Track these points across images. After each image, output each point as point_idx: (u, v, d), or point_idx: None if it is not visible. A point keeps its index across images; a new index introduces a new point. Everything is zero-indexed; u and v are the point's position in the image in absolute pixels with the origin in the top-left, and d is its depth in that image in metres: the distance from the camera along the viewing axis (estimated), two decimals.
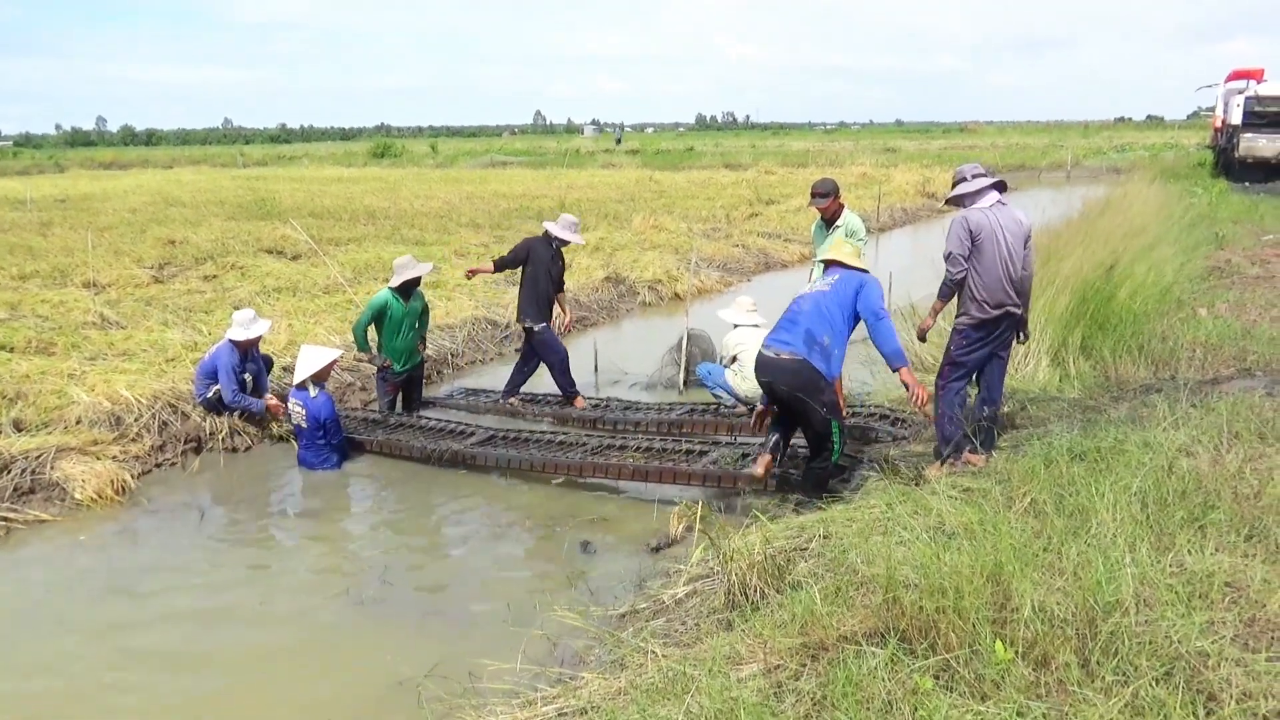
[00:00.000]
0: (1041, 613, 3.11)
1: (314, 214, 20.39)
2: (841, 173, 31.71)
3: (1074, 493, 4.16)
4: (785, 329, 5.42)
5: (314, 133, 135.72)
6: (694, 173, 36.10)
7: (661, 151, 52.31)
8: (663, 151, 52.27)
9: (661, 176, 32.61)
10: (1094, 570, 3.29)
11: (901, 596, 3.29)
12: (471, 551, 5.68)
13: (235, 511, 6.44)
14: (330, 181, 32.14)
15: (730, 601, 4.04)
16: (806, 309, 5.41)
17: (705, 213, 20.87)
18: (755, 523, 4.79)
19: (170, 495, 6.65)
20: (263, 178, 34.95)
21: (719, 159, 44.13)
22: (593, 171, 37.63)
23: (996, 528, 3.73)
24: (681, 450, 6.44)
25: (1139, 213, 12.91)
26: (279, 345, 9.11)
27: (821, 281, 5.54)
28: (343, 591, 5.12)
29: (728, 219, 20.14)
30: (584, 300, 12.47)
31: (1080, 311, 7.52)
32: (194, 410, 7.54)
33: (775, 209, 22.26)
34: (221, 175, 37.80)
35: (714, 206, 21.92)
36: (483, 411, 8.27)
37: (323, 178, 34.87)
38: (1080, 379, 7.11)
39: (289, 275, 12.86)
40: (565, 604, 4.62)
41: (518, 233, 17.77)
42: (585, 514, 6.08)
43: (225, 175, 37.74)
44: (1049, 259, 8.93)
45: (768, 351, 5.40)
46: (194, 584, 5.34)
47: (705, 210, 21.32)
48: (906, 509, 4.33)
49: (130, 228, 18.12)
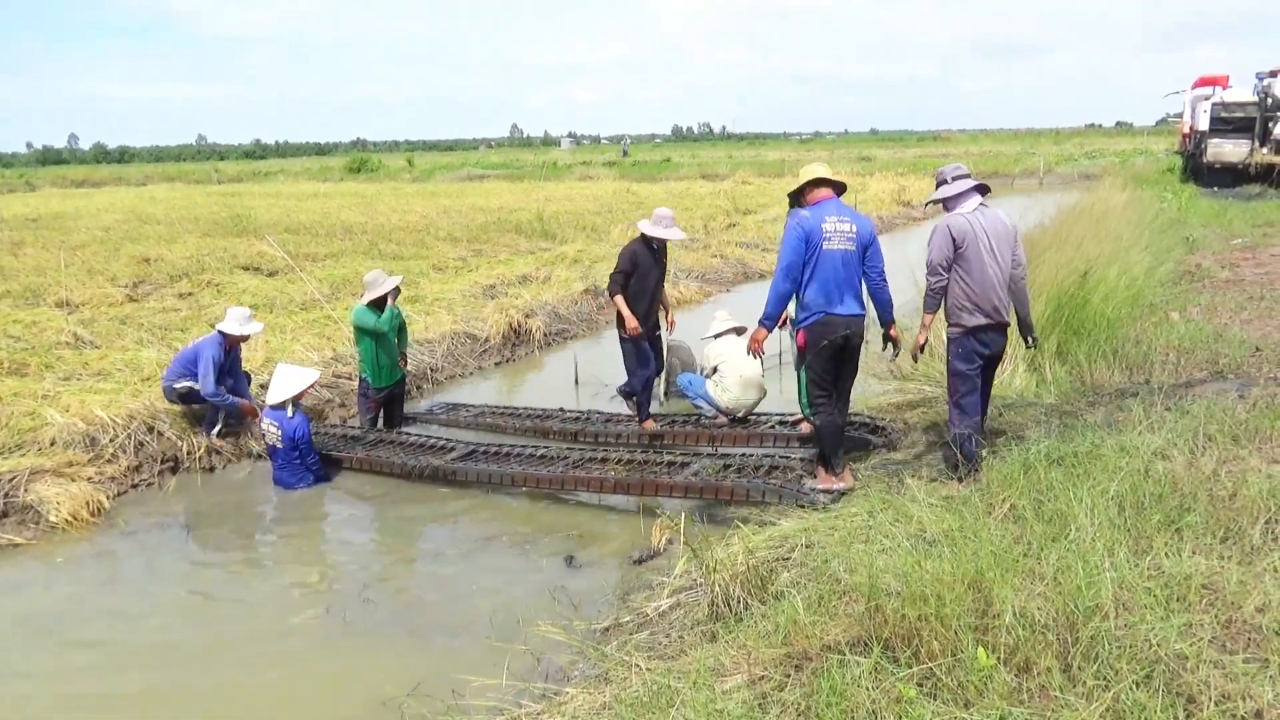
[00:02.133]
0: (1023, 618, 3.13)
1: (290, 230, 20.28)
2: None
3: (1052, 498, 4.19)
4: (850, 295, 5.44)
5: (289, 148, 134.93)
6: (671, 183, 36.21)
7: (639, 163, 52.42)
8: (640, 163, 52.38)
9: (639, 188, 32.70)
10: (1074, 575, 3.32)
11: (884, 605, 3.30)
12: (453, 567, 5.65)
13: (213, 532, 6.37)
14: (306, 197, 31.99)
15: (714, 613, 4.04)
16: (847, 273, 5.43)
17: (683, 223, 20.86)
18: (737, 533, 4.80)
19: (147, 516, 6.58)
20: (238, 194, 34.74)
21: (696, 169, 44.23)
22: (570, 184, 37.67)
23: (977, 534, 3.75)
24: (663, 462, 6.45)
25: (1111, 219, 13.06)
26: (256, 363, 9.05)
27: (838, 234, 5.38)
28: (323, 610, 5.08)
29: (705, 229, 20.22)
30: (563, 313, 12.47)
31: (1056, 317, 7.58)
32: (170, 429, 7.47)
33: (752, 219, 22.35)
34: (196, 192, 37.54)
35: (692, 217, 21.99)
36: (463, 426, 8.25)
37: (298, 193, 34.69)
38: (1056, 384, 7.17)
39: (266, 292, 12.80)
40: (549, 618, 4.60)
41: (496, 246, 17.81)
42: (568, 528, 6.06)
43: (200, 192, 37.49)
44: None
45: (844, 312, 5.42)
46: (173, 606, 5.28)
47: (683, 221, 21.34)
48: (888, 517, 4.35)
49: (104, 246, 17.95)
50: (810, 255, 5.36)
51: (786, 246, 5.39)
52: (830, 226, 5.38)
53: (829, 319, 5.40)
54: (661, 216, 7.24)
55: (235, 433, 7.68)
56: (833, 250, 5.37)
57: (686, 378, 7.88)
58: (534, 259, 15.99)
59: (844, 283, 5.40)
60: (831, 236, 5.37)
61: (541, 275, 14.44)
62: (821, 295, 5.38)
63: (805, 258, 5.37)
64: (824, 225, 5.36)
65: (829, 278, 5.37)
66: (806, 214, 5.40)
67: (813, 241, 5.35)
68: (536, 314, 11.90)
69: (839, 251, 5.39)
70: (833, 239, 5.37)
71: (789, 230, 5.39)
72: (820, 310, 5.40)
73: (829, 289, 5.38)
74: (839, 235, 5.39)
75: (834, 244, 5.37)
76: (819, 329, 5.44)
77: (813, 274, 5.37)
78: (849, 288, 5.44)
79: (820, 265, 5.36)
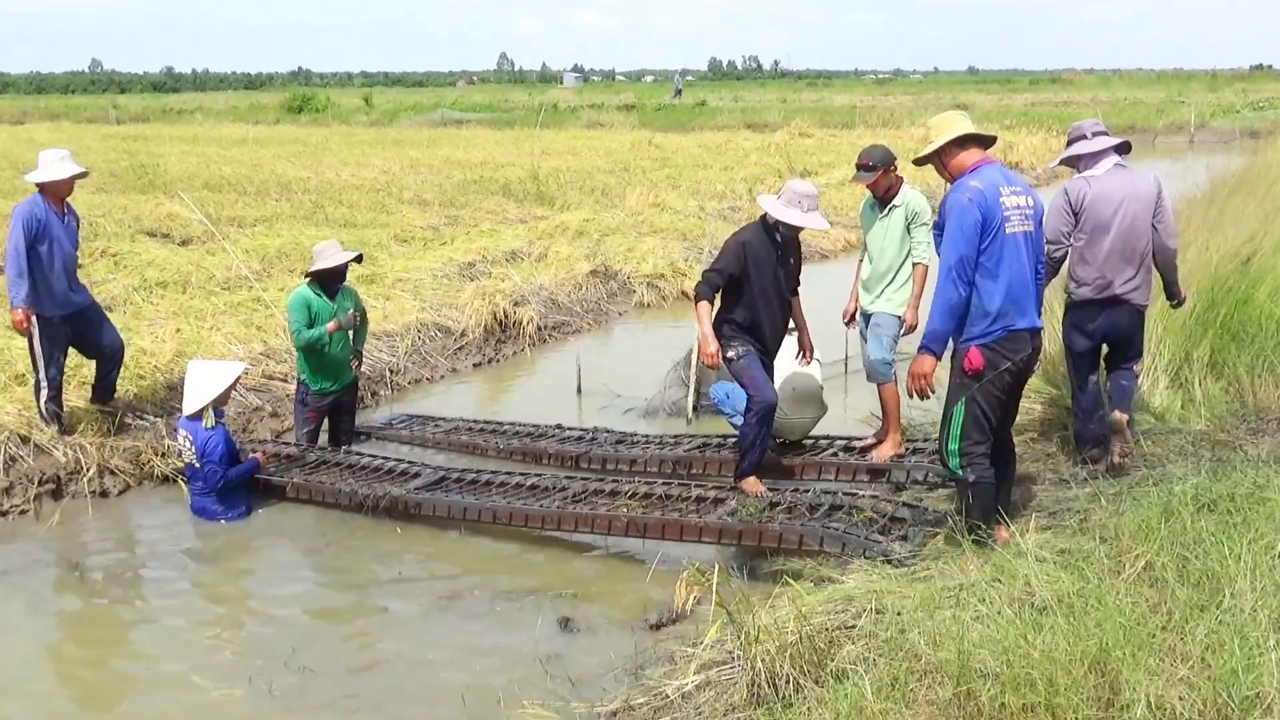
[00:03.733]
0: (1160, 711, 3.12)
1: (210, 186, 20.42)
2: (898, 136, 31.81)
3: (1201, 554, 4.18)
4: (1035, 301, 5.27)
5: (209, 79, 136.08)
6: (706, 134, 36.23)
7: (664, 107, 52.48)
8: (666, 107, 52.45)
9: (664, 140, 32.76)
10: (1227, 655, 3.31)
11: (978, 690, 3.30)
12: (414, 629, 5.67)
13: (106, 575, 6.42)
14: (231, 143, 32.21)
15: (755, 696, 4.04)
16: (1033, 266, 5.26)
17: (721, 187, 20.96)
18: (786, 591, 4.80)
19: (19, 552, 6.64)
20: (142, 137, 35.01)
21: (739, 117, 44.28)
22: (574, 133, 37.76)
23: (1101, 600, 3.75)
24: (690, 497, 6.46)
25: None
26: (164, 359, 9.12)
27: (1017, 212, 5.16)
28: (246, 681, 5.11)
29: (750, 195, 20.22)
30: (563, 301, 12.52)
31: (1208, 318, 7.55)
32: (52, 440, 7.54)
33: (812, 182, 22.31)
34: (88, 133, 37.83)
35: (733, 179, 22.02)
36: (431, 445, 8.29)
37: (221, 138, 34.93)
38: (1208, 405, 7.13)
39: (177, 265, 12.87)
40: (538, 698, 4.62)
41: (477, 212, 17.87)
42: (564, 581, 6.08)
43: (93, 133, 37.78)
44: None
45: (1029, 325, 5.22)
46: (50, 674, 5.32)
47: (722, 184, 21.42)
48: (984, 575, 4.35)
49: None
50: (990, 243, 5.06)
51: (957, 234, 5.05)
52: (1009, 202, 5.11)
53: (1014, 336, 5.15)
54: (798, 194, 6.50)
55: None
56: (1015, 234, 5.12)
57: (723, 388, 7.86)
58: (526, 230, 16.04)
59: (1030, 282, 5.20)
60: (1011, 216, 5.11)
61: (536, 251, 14.49)
62: (1008, 300, 5.10)
63: (982, 246, 5.06)
64: (1002, 200, 5.09)
65: (1015, 276, 5.11)
66: (978, 184, 5.09)
67: (990, 224, 5.04)
68: (528, 301, 11.94)
69: (1021, 235, 5.14)
70: (1013, 219, 5.12)
71: (957, 209, 5.06)
72: (1007, 324, 5.12)
73: (1016, 292, 5.13)
74: (1018, 214, 5.15)
75: (1015, 226, 5.13)
76: (1003, 349, 5.14)
77: (993, 269, 5.08)
78: (1035, 289, 5.25)
79: (1005, 258, 5.08)
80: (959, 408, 5.23)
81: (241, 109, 57.91)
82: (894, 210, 7.06)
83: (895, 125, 37.57)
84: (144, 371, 8.82)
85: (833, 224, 17.78)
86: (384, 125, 45.36)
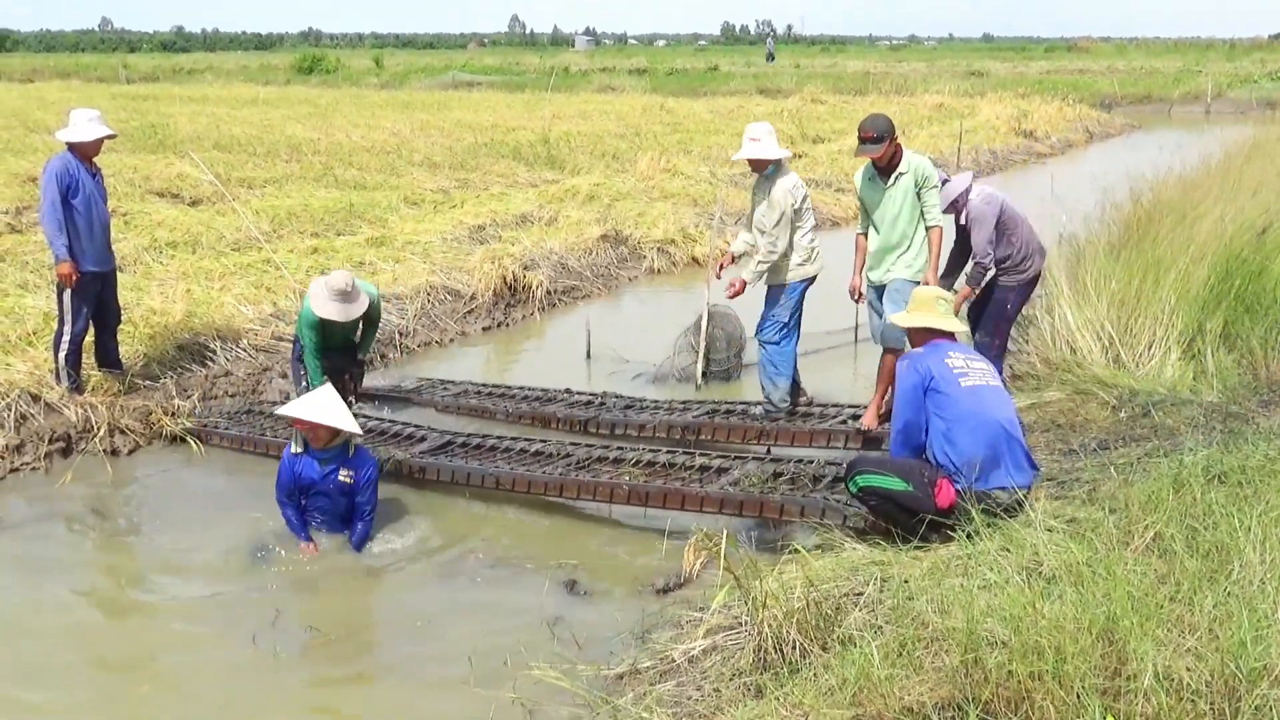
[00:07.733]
0: (1167, 681, 3.12)
1: (220, 146, 20.38)
2: (912, 103, 31.66)
3: (1211, 526, 4.17)
4: (1017, 462, 5.09)
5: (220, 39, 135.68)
6: (719, 99, 36.02)
7: (676, 72, 52.18)
8: (678, 72, 52.14)
9: (676, 104, 32.59)
10: (1235, 626, 3.30)
11: (985, 657, 3.30)
12: (422, 592, 5.70)
13: (115, 532, 6.46)
14: (241, 104, 32.13)
15: (761, 660, 4.06)
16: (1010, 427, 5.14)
17: (730, 151, 20.81)
18: (794, 559, 4.81)
19: (30, 508, 6.69)
20: (153, 97, 34.90)
21: (751, 82, 44.02)
22: (586, 97, 37.57)
23: (1110, 570, 3.74)
24: (694, 466, 6.46)
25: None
26: (174, 318, 9.12)
27: (972, 372, 5.21)
28: (251, 641, 5.13)
29: None
30: (573, 265, 12.49)
31: (1221, 289, 7.52)
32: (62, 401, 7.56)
33: (824, 149, 22.21)
34: (98, 92, 37.71)
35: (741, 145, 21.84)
36: (438, 409, 8.30)
37: (232, 98, 34.83)
38: (1221, 377, 7.11)
39: (187, 226, 12.86)
40: (545, 660, 4.63)
41: (487, 175, 17.83)
42: (572, 544, 6.10)
43: (103, 92, 37.66)
44: (1180, 219, 8.92)
45: (1005, 496, 5.02)
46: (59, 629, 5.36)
47: (734, 149, 21.25)
48: (993, 544, 4.34)
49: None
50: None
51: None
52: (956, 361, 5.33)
53: (984, 495, 4.99)
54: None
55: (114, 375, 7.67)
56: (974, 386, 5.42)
57: (777, 351, 7.50)
58: (537, 194, 16.00)
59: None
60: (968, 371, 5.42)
61: (546, 215, 14.45)
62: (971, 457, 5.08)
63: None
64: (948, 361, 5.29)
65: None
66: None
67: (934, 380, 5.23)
68: (538, 265, 11.92)
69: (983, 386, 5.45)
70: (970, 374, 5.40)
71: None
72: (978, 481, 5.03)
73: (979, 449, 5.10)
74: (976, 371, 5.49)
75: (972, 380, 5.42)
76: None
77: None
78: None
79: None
80: (905, 486, 5.05)
81: (251, 69, 57.71)
82: (900, 178, 6.92)
83: (909, 92, 37.29)
84: (154, 331, 8.83)
85: (840, 191, 17.75)
86: (394, 87, 45.16)
